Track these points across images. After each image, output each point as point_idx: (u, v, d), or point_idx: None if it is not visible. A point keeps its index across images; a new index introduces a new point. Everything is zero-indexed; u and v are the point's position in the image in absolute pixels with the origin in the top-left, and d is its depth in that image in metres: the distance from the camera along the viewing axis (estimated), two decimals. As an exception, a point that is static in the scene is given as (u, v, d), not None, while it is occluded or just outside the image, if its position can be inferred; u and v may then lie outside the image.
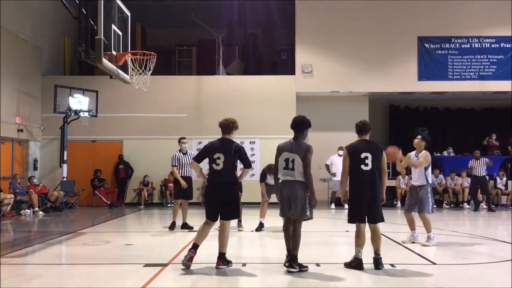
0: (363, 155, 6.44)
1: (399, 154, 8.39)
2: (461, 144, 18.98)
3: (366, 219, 6.49)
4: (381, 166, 6.51)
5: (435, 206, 15.81)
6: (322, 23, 17.54)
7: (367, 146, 6.54)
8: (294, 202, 6.34)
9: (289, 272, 6.25)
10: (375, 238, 6.46)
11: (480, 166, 15.35)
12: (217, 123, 6.80)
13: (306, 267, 6.38)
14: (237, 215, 6.93)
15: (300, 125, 6.59)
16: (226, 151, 6.44)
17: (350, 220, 6.59)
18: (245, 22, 19.70)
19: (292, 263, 6.29)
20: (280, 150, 6.50)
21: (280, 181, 6.51)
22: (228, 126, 6.61)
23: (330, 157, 16.12)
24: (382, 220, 6.53)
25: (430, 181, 8.43)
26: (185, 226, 10.34)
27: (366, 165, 6.41)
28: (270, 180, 10.12)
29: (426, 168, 8.38)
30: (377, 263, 6.42)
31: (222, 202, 6.48)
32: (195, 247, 6.56)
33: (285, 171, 6.39)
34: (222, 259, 6.55)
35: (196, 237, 6.65)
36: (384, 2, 17.33)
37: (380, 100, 19.29)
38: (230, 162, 6.47)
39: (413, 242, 8.44)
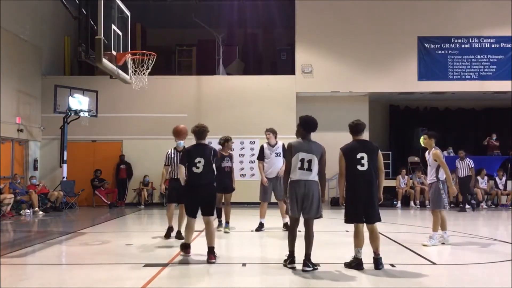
0: (359, 156, 6.40)
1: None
2: (461, 144, 18.96)
3: (364, 220, 6.46)
4: (377, 166, 6.49)
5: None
6: (322, 23, 17.54)
7: (362, 146, 6.49)
8: (310, 201, 6.32)
9: (304, 271, 6.27)
10: (373, 238, 6.45)
11: (463, 167, 15.33)
12: (217, 123, 6.97)
13: (318, 265, 6.44)
14: (214, 212, 7.31)
15: (313, 126, 6.59)
16: (205, 156, 7.01)
17: (347, 221, 6.57)
18: (245, 22, 19.71)
19: (307, 262, 6.32)
20: (295, 149, 6.41)
21: (290, 180, 6.45)
22: (203, 133, 7.21)
23: None
24: (378, 220, 6.49)
25: (442, 178, 8.34)
26: (179, 235, 9.01)
27: (362, 165, 6.37)
28: (270, 154, 9.95)
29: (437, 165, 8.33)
30: (377, 263, 6.40)
31: (203, 201, 6.98)
32: (187, 246, 7.26)
33: (300, 171, 6.35)
34: (213, 253, 6.87)
35: (187, 237, 7.22)
36: (384, 2, 17.33)
37: (380, 100, 19.29)
38: (209, 166, 7.04)
39: (443, 243, 8.39)
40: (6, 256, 7.49)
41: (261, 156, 10.09)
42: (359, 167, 6.38)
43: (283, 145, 9.77)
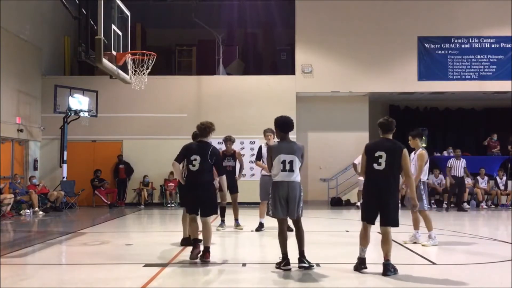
0: (377, 154, 6.17)
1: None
2: (461, 144, 18.99)
3: (379, 221, 6.25)
4: (401, 167, 6.19)
5: (434, 206, 16.00)
6: (322, 23, 17.54)
7: (383, 145, 6.26)
8: (292, 202, 6.32)
9: (300, 267, 6.28)
10: (384, 241, 6.17)
11: (459, 167, 15.34)
12: (217, 123, 6.97)
13: (314, 265, 6.44)
14: (215, 212, 7.19)
15: (290, 125, 6.56)
16: (203, 154, 6.84)
17: (362, 218, 6.41)
18: (245, 22, 19.71)
19: (303, 259, 6.33)
20: (275, 152, 6.42)
21: (272, 181, 6.47)
22: (205, 130, 7.02)
23: (358, 156, 16.03)
24: (393, 224, 6.18)
25: (423, 178, 8.43)
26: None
27: (379, 164, 6.14)
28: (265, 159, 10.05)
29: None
30: (385, 269, 6.11)
31: (199, 200, 6.89)
32: (197, 241, 7.00)
33: (283, 173, 6.35)
34: (208, 252, 6.90)
35: (192, 233, 7.12)
36: (384, 2, 17.34)
37: (380, 100, 19.30)
38: (205, 164, 6.84)
39: (415, 243, 8.44)
40: (6, 256, 7.48)
41: (259, 156, 10.09)
42: (375, 165, 6.17)
43: None
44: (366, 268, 6.33)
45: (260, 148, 10.24)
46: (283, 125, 6.54)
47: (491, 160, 17.68)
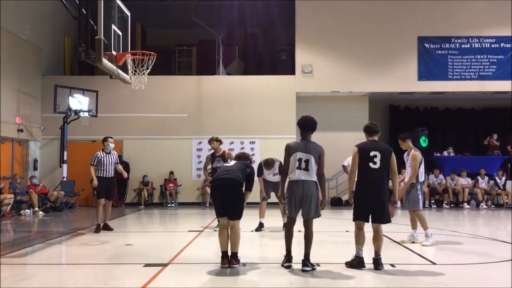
0: (372, 153, 6.48)
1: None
2: (461, 144, 19.00)
3: (371, 219, 6.47)
4: (390, 167, 6.57)
5: (434, 206, 16.03)
6: (322, 23, 17.54)
7: (376, 146, 6.59)
8: (308, 201, 6.35)
9: (303, 271, 6.27)
10: (377, 238, 6.45)
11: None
12: (217, 123, 6.97)
13: (318, 265, 6.47)
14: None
15: (312, 125, 6.68)
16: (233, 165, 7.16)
17: (355, 219, 6.56)
18: (245, 22, 19.72)
19: (307, 262, 6.34)
20: (292, 150, 6.49)
21: (288, 180, 6.50)
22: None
23: (347, 158, 16.03)
24: (387, 221, 6.52)
25: (421, 179, 8.45)
26: (106, 227, 10.26)
27: (375, 163, 6.45)
28: (268, 175, 10.09)
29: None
30: (377, 263, 6.40)
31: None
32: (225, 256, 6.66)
33: (298, 171, 6.41)
34: (235, 258, 6.65)
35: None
36: (384, 2, 17.34)
37: (380, 100, 19.30)
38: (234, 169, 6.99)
39: (413, 242, 8.46)
40: (6, 256, 7.48)
41: (260, 173, 10.10)
42: (371, 164, 6.45)
43: (280, 163, 9.74)
44: (365, 267, 6.37)
45: (260, 165, 10.21)
46: (301, 124, 6.72)
47: (491, 160, 17.69)
